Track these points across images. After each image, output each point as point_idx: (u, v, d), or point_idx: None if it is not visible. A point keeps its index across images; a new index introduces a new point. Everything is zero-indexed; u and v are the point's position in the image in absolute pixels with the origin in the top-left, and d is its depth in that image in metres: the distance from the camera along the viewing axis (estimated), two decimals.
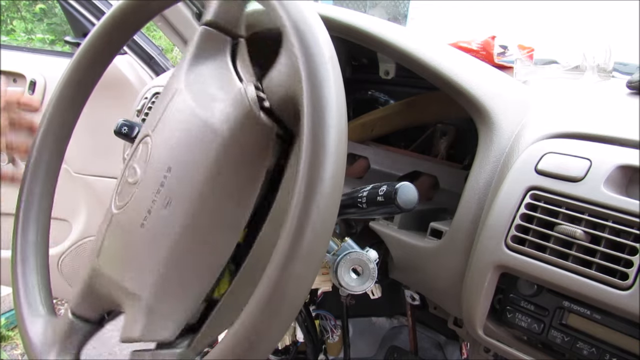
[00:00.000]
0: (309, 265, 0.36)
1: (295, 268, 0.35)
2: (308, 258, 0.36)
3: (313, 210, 0.35)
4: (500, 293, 0.58)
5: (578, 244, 0.51)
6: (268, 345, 0.38)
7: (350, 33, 0.69)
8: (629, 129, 0.55)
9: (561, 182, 0.54)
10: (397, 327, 1.24)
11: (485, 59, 0.89)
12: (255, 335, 0.36)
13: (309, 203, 0.35)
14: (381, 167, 0.90)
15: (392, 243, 0.70)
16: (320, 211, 0.36)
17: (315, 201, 0.36)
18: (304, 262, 0.36)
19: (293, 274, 0.35)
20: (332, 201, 0.37)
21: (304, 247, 0.35)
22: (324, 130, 0.36)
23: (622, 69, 0.91)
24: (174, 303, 0.43)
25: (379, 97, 1.04)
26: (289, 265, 0.35)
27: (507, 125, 0.63)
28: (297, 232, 0.35)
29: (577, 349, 0.51)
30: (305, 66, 0.38)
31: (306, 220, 0.35)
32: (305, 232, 0.35)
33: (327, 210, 0.36)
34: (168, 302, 0.43)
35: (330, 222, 0.37)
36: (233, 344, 0.37)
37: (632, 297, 0.46)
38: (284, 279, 0.35)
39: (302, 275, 0.36)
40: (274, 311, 0.36)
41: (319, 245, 0.37)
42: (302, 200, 0.36)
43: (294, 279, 0.36)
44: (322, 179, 0.36)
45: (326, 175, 0.36)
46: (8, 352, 1.98)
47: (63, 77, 0.61)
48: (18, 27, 3.61)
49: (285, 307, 0.36)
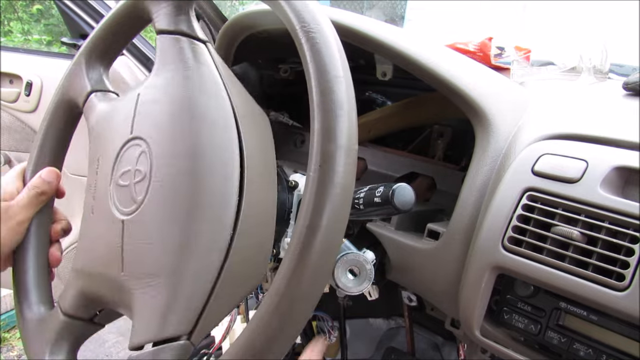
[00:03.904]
0: (322, 268, 0.37)
1: (308, 271, 0.36)
2: (321, 261, 0.36)
3: (325, 215, 0.36)
4: (497, 294, 0.58)
5: (574, 245, 0.51)
6: (283, 346, 0.38)
7: (348, 34, 0.69)
8: (625, 130, 0.56)
9: (558, 183, 0.54)
10: (394, 328, 1.24)
11: (482, 60, 0.89)
12: (271, 336, 0.36)
13: (321, 205, 0.36)
14: (378, 168, 0.90)
15: (389, 244, 0.70)
16: (333, 214, 0.36)
17: (329, 202, 0.36)
18: (317, 266, 0.36)
19: (306, 276, 0.36)
20: (343, 205, 0.38)
21: (315, 252, 0.36)
22: (335, 144, 0.37)
23: (619, 70, 0.91)
24: (193, 289, 0.41)
25: (376, 98, 1.04)
26: (301, 270, 0.36)
27: (504, 127, 0.63)
28: (310, 232, 0.36)
29: (573, 350, 0.51)
30: (316, 82, 0.39)
31: (319, 226, 0.36)
32: (318, 236, 0.36)
33: (338, 214, 0.37)
34: (188, 290, 0.41)
35: (342, 224, 0.38)
36: (247, 345, 0.37)
37: (629, 298, 0.46)
38: (298, 281, 0.36)
39: (317, 275, 0.37)
40: (288, 312, 0.36)
41: (332, 248, 0.37)
42: (313, 204, 0.36)
43: (307, 280, 0.36)
44: (336, 172, 0.37)
45: (339, 168, 0.37)
46: (4, 354, 1.97)
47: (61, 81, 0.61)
48: (15, 28, 3.60)
49: (299, 308, 0.37)
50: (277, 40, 0.83)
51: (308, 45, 0.40)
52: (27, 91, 1.44)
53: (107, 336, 2.12)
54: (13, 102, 1.47)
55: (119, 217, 0.46)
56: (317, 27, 0.40)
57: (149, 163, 0.45)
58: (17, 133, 1.52)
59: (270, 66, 1.02)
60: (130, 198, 0.45)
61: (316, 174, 0.37)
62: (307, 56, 0.40)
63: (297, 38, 0.41)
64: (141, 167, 0.45)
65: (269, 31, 0.79)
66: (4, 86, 1.49)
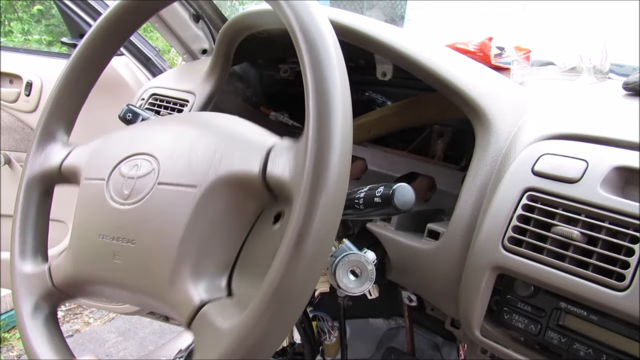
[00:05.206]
0: (312, 268, 0.37)
1: (298, 270, 0.36)
2: (311, 260, 0.36)
3: (317, 214, 0.36)
4: (497, 294, 0.58)
5: (575, 245, 0.51)
6: (270, 346, 0.38)
7: (348, 35, 0.69)
8: (625, 130, 0.55)
9: (558, 183, 0.54)
10: (394, 329, 1.24)
11: (482, 60, 0.89)
12: (258, 336, 0.36)
13: (313, 206, 0.36)
14: (378, 168, 0.90)
15: (390, 244, 0.70)
16: (323, 215, 0.36)
17: (319, 204, 0.36)
18: (307, 265, 0.36)
19: (296, 276, 0.36)
20: (336, 203, 0.38)
21: (307, 250, 0.36)
22: (329, 144, 0.37)
23: (619, 70, 0.91)
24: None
25: (376, 98, 1.04)
26: (292, 268, 0.36)
27: (504, 127, 0.63)
28: (301, 235, 0.36)
29: (573, 350, 0.51)
30: (312, 77, 0.39)
31: (310, 224, 0.36)
32: (309, 235, 0.36)
33: (330, 213, 0.37)
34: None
35: (334, 225, 0.38)
36: (236, 345, 0.37)
37: (629, 298, 0.46)
38: (287, 281, 0.36)
39: (306, 277, 0.37)
40: (277, 312, 0.36)
41: (322, 248, 0.37)
42: (305, 203, 0.36)
43: (297, 281, 0.36)
44: (328, 178, 0.37)
45: (332, 173, 0.37)
46: (4, 354, 1.97)
47: (59, 79, 0.61)
48: (15, 28, 3.60)
49: (288, 308, 0.37)
50: (277, 40, 0.83)
51: (305, 46, 0.40)
52: (27, 91, 1.45)
53: (107, 336, 2.12)
54: (13, 102, 1.47)
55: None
56: (316, 28, 0.41)
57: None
58: (17, 133, 1.52)
59: (270, 66, 1.02)
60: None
61: (309, 175, 0.37)
62: (305, 58, 0.40)
63: (295, 38, 0.41)
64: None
65: (269, 31, 0.80)
66: (4, 86, 1.49)
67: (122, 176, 0.51)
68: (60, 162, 0.60)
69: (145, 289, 0.48)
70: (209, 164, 0.46)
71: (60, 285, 0.55)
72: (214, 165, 0.46)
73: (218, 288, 0.46)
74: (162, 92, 1.02)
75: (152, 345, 2.07)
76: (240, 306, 0.43)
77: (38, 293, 0.55)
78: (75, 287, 0.54)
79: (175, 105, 0.98)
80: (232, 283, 0.47)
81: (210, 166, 0.46)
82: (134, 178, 0.50)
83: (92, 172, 0.55)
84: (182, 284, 0.45)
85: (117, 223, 0.50)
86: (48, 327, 0.55)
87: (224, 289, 0.46)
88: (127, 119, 0.75)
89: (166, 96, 1.01)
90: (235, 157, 0.45)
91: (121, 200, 0.50)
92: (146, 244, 0.47)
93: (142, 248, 0.47)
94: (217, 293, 0.45)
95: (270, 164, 0.43)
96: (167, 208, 0.47)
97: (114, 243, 0.49)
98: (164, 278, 0.45)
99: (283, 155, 0.43)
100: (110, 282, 0.51)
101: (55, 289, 0.55)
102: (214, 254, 0.46)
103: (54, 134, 0.61)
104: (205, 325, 0.42)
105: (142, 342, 2.09)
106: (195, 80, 0.96)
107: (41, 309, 0.55)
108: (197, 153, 0.48)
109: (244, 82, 1.03)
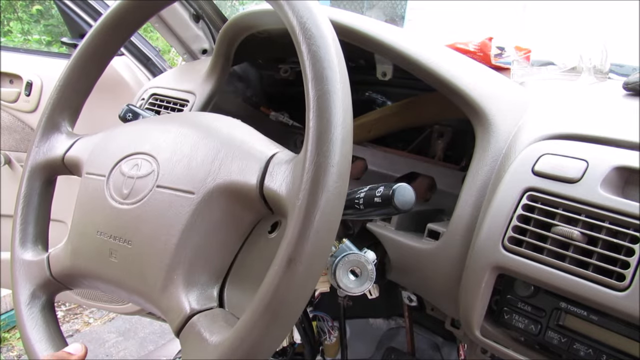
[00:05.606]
0: (303, 287, 0.37)
1: (289, 292, 0.36)
2: (302, 281, 0.36)
3: (310, 237, 0.36)
4: (497, 294, 0.58)
5: (575, 245, 0.51)
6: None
7: (348, 34, 0.69)
8: (625, 130, 0.55)
9: (558, 183, 0.54)
10: (394, 329, 1.24)
11: (482, 60, 0.89)
12: (244, 355, 0.36)
13: (306, 228, 0.36)
14: (379, 168, 0.90)
15: (390, 244, 0.70)
16: (317, 237, 0.36)
17: (313, 226, 0.36)
18: (297, 286, 0.36)
19: (286, 297, 0.36)
20: (331, 222, 0.38)
21: (298, 272, 0.36)
22: (327, 163, 0.37)
23: (619, 70, 0.91)
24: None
25: (376, 98, 1.04)
26: (282, 290, 0.36)
27: (504, 127, 0.63)
28: (292, 258, 0.36)
29: (574, 350, 0.51)
30: (312, 83, 0.39)
31: (302, 246, 0.36)
32: (301, 258, 0.36)
33: (324, 232, 0.37)
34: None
35: (328, 243, 0.38)
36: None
37: (629, 298, 0.46)
38: (276, 303, 0.36)
39: (295, 298, 0.37)
40: (265, 330, 0.36)
41: (314, 269, 0.37)
42: (299, 225, 0.36)
43: (287, 301, 0.36)
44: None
45: (328, 194, 0.37)
46: (4, 354, 1.97)
47: (65, 71, 0.61)
48: (15, 28, 3.60)
49: (276, 327, 0.37)
50: (277, 40, 0.83)
51: (305, 45, 0.40)
52: (27, 91, 1.44)
53: (107, 336, 2.12)
54: (13, 102, 1.47)
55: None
56: (316, 27, 0.41)
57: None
58: (17, 133, 1.52)
59: (270, 66, 1.02)
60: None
61: (305, 194, 0.37)
62: (305, 57, 0.40)
63: (296, 38, 0.41)
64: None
65: (269, 31, 0.80)
66: (4, 86, 1.49)
67: (122, 175, 0.51)
68: (64, 152, 0.60)
69: (139, 290, 0.48)
70: (207, 171, 0.46)
71: (57, 275, 0.55)
72: (212, 172, 0.46)
73: (209, 297, 0.46)
74: (162, 92, 1.02)
75: (152, 345, 2.07)
76: (230, 319, 0.43)
77: (36, 281, 0.56)
78: (72, 279, 0.55)
79: (175, 105, 0.98)
80: (224, 293, 0.47)
81: (209, 174, 0.46)
82: (134, 178, 0.50)
83: (93, 167, 0.55)
84: (174, 290, 0.44)
85: (115, 222, 0.50)
86: (44, 315, 0.55)
87: (216, 299, 0.46)
88: (127, 119, 0.75)
89: (166, 96, 1.01)
90: (234, 167, 0.45)
91: (120, 199, 0.50)
92: (142, 247, 0.47)
93: (137, 250, 0.47)
94: (208, 303, 0.45)
95: (268, 177, 0.43)
96: (164, 212, 0.47)
97: (111, 241, 0.49)
98: (157, 283, 0.45)
99: (282, 168, 0.43)
100: (106, 279, 0.51)
101: (52, 279, 0.55)
102: (207, 262, 0.46)
103: (58, 125, 0.62)
104: (194, 336, 0.42)
105: (142, 342, 2.09)
106: (196, 80, 0.96)
107: (38, 297, 0.56)
108: (197, 158, 0.47)
109: (244, 82, 1.03)
